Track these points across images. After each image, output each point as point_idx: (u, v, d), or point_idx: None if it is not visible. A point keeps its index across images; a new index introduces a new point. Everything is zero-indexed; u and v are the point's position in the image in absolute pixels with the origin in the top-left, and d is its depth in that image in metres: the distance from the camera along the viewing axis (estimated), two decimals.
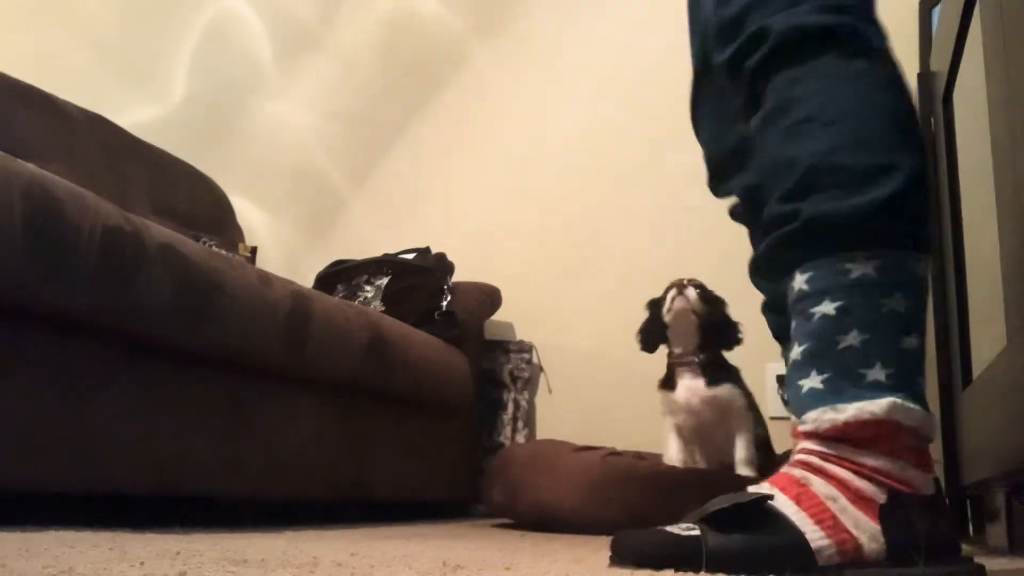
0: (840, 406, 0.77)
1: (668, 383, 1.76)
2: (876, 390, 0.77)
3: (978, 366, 1.28)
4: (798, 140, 0.84)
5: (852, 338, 0.78)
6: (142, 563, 0.67)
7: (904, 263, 0.80)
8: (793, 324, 0.83)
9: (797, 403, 0.81)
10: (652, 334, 1.81)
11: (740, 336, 1.76)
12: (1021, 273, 0.92)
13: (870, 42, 0.87)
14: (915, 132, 0.85)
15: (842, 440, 0.78)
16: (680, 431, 1.74)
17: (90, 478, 1.16)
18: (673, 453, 1.74)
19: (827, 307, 0.79)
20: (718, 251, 2.40)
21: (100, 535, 0.96)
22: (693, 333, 1.73)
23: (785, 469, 0.81)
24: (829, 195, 0.80)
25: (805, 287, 0.81)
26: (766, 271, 0.91)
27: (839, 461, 0.78)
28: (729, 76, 0.94)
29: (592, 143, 2.59)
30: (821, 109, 0.83)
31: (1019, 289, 0.93)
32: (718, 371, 1.72)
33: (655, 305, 1.82)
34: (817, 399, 0.79)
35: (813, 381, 0.79)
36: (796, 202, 0.82)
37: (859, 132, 0.82)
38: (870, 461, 0.77)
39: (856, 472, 0.77)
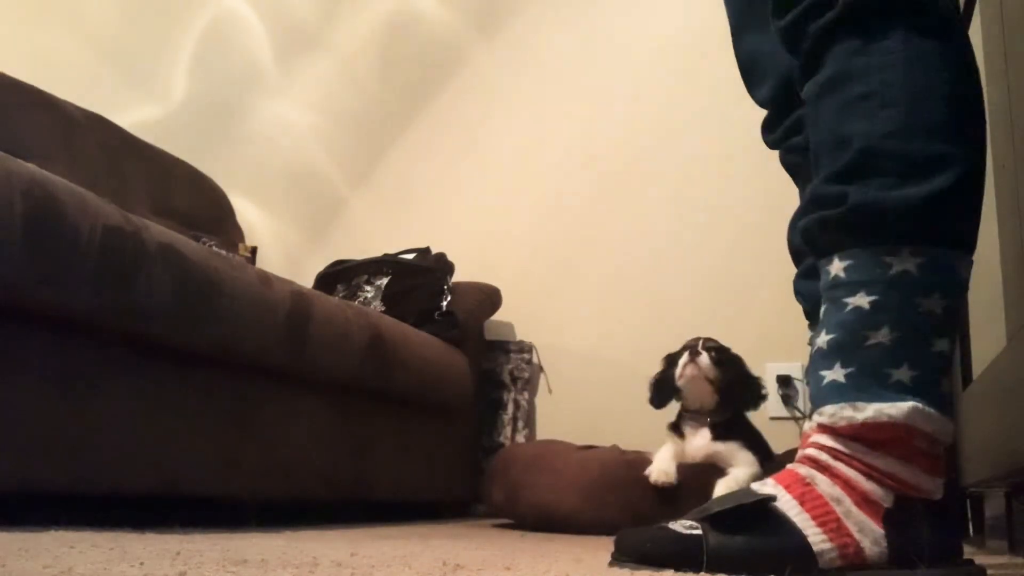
0: (860, 404, 0.75)
1: (677, 429, 1.75)
2: (898, 392, 0.75)
3: (978, 366, 1.28)
4: (853, 117, 0.79)
5: (883, 335, 0.75)
6: (142, 563, 0.67)
7: (948, 263, 0.76)
8: (823, 309, 0.81)
9: (817, 393, 0.79)
10: (663, 391, 1.80)
11: (764, 393, 1.76)
12: (1021, 273, 0.92)
13: (942, 17, 0.81)
14: (977, 121, 0.81)
15: (856, 439, 0.76)
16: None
17: (90, 478, 1.16)
18: (663, 464, 1.68)
19: (861, 299, 0.76)
20: (718, 251, 2.40)
21: (100, 535, 0.96)
22: (708, 395, 1.72)
23: (792, 466, 0.79)
24: (879, 182, 0.76)
25: (842, 275, 0.78)
26: (804, 246, 0.87)
27: (849, 460, 0.76)
28: (787, 41, 0.88)
29: (592, 143, 2.59)
30: (882, 87, 0.78)
31: (1019, 289, 0.93)
32: (728, 429, 1.70)
33: (670, 363, 1.80)
34: (838, 393, 0.77)
35: (836, 374, 0.77)
36: (844, 184, 0.78)
37: (918, 118, 0.77)
38: (881, 463, 0.76)
39: (865, 473, 0.76)
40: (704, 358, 1.72)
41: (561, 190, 2.59)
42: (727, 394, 1.72)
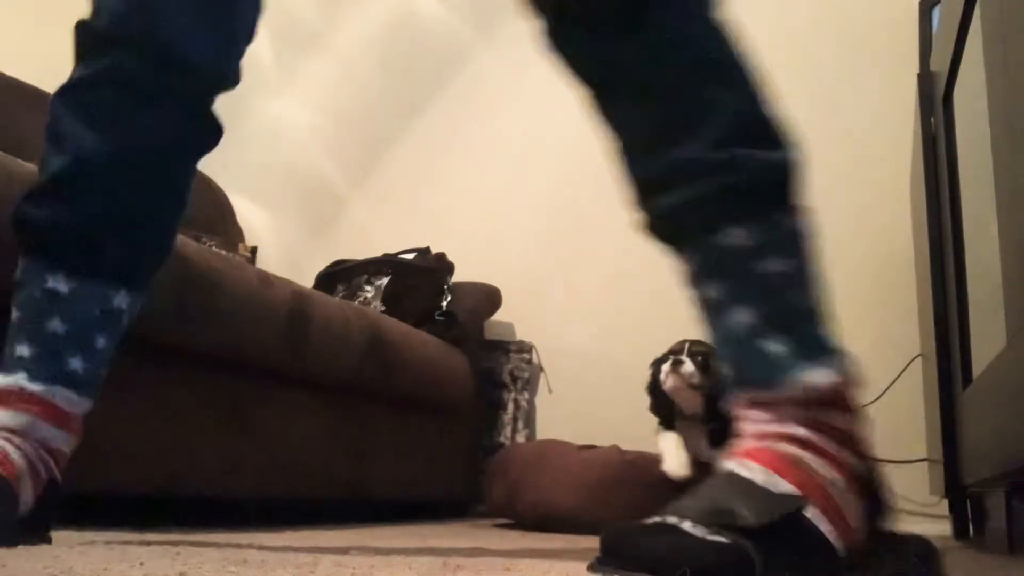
0: (820, 370, 0.72)
1: (669, 423, 1.70)
2: (832, 346, 0.74)
3: (978, 366, 1.28)
4: (711, 83, 0.76)
5: (808, 296, 0.75)
6: (142, 563, 0.67)
7: (808, 215, 0.78)
8: (719, 285, 0.76)
9: (764, 370, 0.73)
10: (658, 399, 1.74)
11: None
12: (1021, 273, 0.92)
13: None
14: None
15: (823, 404, 0.72)
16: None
17: (90, 478, 1.16)
18: (679, 456, 1.66)
19: (777, 264, 0.74)
20: None
21: (100, 535, 0.96)
22: (697, 401, 1.66)
23: (765, 444, 0.72)
24: (764, 146, 0.76)
25: (746, 242, 0.74)
26: (680, 224, 0.79)
27: (826, 428, 0.71)
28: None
29: (592, 143, 2.58)
30: (724, 52, 0.78)
31: (1019, 289, 0.93)
32: (726, 433, 1.62)
33: (657, 368, 1.73)
34: (792, 364, 0.72)
35: (778, 346, 0.73)
36: (732, 148, 0.74)
37: (758, 83, 0.78)
38: (847, 424, 0.72)
39: (842, 442, 0.71)
40: (687, 366, 1.65)
41: (562, 189, 2.59)
42: (718, 399, 1.63)
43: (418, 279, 2.29)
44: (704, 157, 0.75)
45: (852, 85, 2.32)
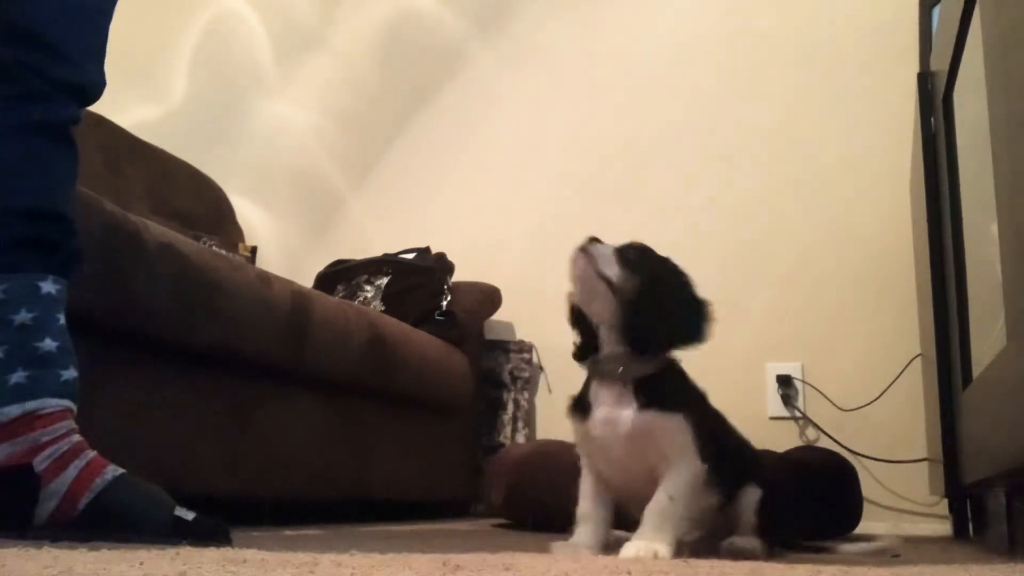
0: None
1: (580, 406, 1.17)
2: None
3: (978, 366, 1.28)
4: None
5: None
6: (142, 563, 0.67)
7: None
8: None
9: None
10: (581, 330, 1.22)
11: (705, 322, 1.12)
12: (1021, 273, 0.92)
13: None
14: None
15: None
16: (598, 475, 1.16)
17: None
18: (586, 506, 1.15)
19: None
20: (718, 251, 2.40)
21: None
22: (616, 322, 1.11)
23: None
24: None
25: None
26: None
27: None
28: None
29: (591, 143, 2.59)
30: None
31: (1019, 289, 0.93)
32: (658, 392, 1.06)
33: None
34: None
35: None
36: None
37: None
38: None
39: None
40: (601, 250, 1.15)
41: (561, 189, 2.59)
42: (646, 321, 1.09)
43: (418, 279, 2.29)
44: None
45: (852, 85, 2.32)
